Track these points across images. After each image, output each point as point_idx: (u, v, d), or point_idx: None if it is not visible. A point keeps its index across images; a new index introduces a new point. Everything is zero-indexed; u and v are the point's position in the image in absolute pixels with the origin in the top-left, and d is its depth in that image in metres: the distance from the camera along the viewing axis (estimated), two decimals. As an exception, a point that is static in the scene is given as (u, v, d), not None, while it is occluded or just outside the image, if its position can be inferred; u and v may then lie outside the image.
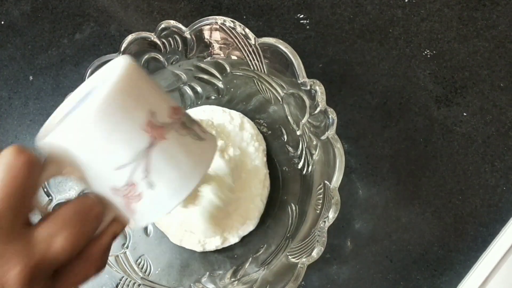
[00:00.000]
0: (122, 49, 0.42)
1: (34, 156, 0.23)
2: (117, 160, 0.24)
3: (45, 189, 0.42)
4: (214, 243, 0.47)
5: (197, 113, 0.49)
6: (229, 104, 0.50)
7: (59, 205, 0.42)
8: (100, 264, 0.26)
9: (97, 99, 0.23)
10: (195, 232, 0.46)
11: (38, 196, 0.25)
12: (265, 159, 0.49)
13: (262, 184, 0.48)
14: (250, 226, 0.47)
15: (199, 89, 0.49)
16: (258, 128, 0.50)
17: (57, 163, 0.24)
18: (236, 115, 0.49)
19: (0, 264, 0.21)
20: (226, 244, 0.47)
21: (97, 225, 0.25)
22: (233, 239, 0.47)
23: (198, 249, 0.47)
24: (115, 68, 0.25)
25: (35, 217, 0.25)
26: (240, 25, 0.41)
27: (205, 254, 0.48)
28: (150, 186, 0.25)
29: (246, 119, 0.49)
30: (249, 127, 0.49)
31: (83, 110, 0.23)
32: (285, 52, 0.41)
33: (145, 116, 0.24)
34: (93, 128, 0.23)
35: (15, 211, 0.22)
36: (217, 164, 0.45)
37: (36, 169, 0.23)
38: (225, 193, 0.45)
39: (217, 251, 0.48)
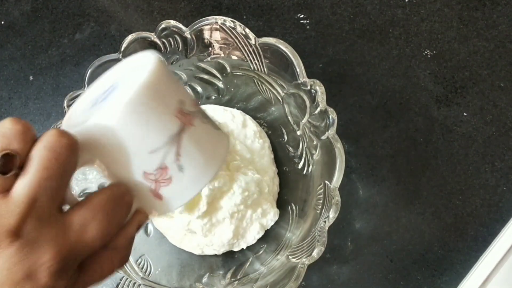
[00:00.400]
0: (122, 49, 0.42)
1: (75, 139, 0.23)
2: (153, 144, 0.25)
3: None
4: (215, 249, 0.47)
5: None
6: (229, 104, 0.50)
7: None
8: (125, 255, 0.26)
9: (137, 85, 0.25)
10: (217, 239, 0.46)
11: (70, 185, 0.24)
12: (272, 155, 0.49)
13: (272, 182, 0.48)
14: (260, 233, 0.47)
15: (199, 89, 0.49)
16: (258, 128, 0.50)
17: (90, 151, 0.25)
18: (238, 113, 0.49)
19: (34, 249, 0.21)
20: (227, 250, 0.47)
21: (127, 214, 0.26)
22: (237, 248, 0.47)
23: (197, 252, 0.47)
24: (147, 61, 0.27)
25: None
26: (240, 25, 0.41)
27: (205, 255, 0.48)
28: (180, 169, 0.26)
29: (248, 117, 0.49)
30: (251, 124, 0.49)
31: (124, 94, 0.25)
32: (285, 52, 0.41)
33: (176, 104, 0.26)
34: (133, 113, 0.25)
35: (53, 194, 0.22)
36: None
37: (76, 152, 0.23)
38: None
39: (217, 251, 0.48)
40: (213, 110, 0.49)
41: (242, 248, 0.47)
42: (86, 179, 0.46)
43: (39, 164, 0.21)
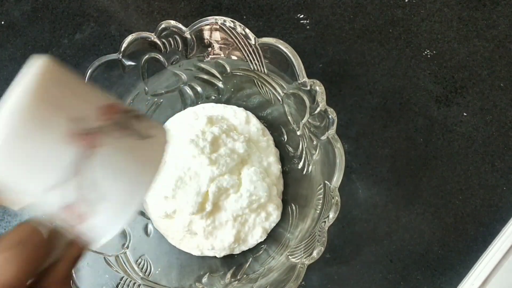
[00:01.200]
0: (122, 49, 0.42)
1: None
2: (44, 182, 0.21)
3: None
4: (216, 253, 0.46)
5: (197, 110, 0.49)
6: (229, 103, 0.50)
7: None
8: None
9: (0, 120, 0.20)
10: (218, 242, 0.45)
11: None
12: (278, 154, 0.49)
13: (278, 182, 0.48)
14: (263, 237, 0.47)
15: (199, 89, 0.49)
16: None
17: None
18: (240, 110, 0.49)
19: None
20: (228, 253, 0.47)
21: (43, 252, 0.23)
22: (238, 251, 0.47)
23: (196, 253, 0.47)
24: (26, 74, 0.22)
25: None
26: (240, 25, 0.41)
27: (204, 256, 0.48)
28: (90, 203, 0.22)
29: (250, 113, 0.49)
30: (254, 121, 0.49)
31: None
32: (285, 52, 0.41)
33: (65, 125, 0.21)
34: (4, 155, 0.20)
35: None
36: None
37: None
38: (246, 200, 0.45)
39: (217, 251, 0.48)
40: (212, 108, 0.49)
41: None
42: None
43: None
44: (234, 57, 0.45)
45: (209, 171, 0.42)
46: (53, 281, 0.23)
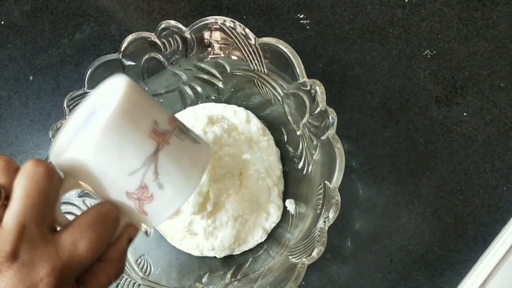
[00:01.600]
0: (122, 49, 0.42)
1: (51, 166, 0.25)
2: (130, 166, 0.27)
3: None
4: (216, 253, 0.46)
5: (197, 110, 0.49)
6: (229, 103, 0.50)
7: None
8: (120, 267, 0.28)
9: (107, 115, 0.26)
10: (218, 243, 0.45)
11: (59, 207, 0.26)
12: (279, 153, 0.49)
13: (279, 182, 0.48)
14: (263, 237, 0.47)
15: (199, 89, 0.49)
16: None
17: (74, 177, 0.27)
18: (240, 109, 0.49)
19: (31, 269, 0.23)
20: (228, 253, 0.47)
21: (115, 229, 0.28)
22: (238, 252, 0.47)
23: (196, 253, 0.47)
24: (118, 87, 0.29)
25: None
26: (240, 25, 0.41)
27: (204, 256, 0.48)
28: (159, 186, 0.28)
29: (250, 113, 0.49)
30: (255, 120, 0.49)
31: (95, 126, 0.26)
32: (285, 52, 0.41)
33: (149, 125, 0.28)
34: (106, 142, 0.26)
35: (40, 219, 0.24)
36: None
37: (55, 178, 0.25)
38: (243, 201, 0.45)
39: (217, 251, 0.47)
40: (212, 107, 0.49)
41: (242, 249, 0.47)
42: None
43: (21, 194, 0.24)
44: (234, 57, 0.45)
45: (211, 171, 0.42)
46: (113, 255, 0.28)
